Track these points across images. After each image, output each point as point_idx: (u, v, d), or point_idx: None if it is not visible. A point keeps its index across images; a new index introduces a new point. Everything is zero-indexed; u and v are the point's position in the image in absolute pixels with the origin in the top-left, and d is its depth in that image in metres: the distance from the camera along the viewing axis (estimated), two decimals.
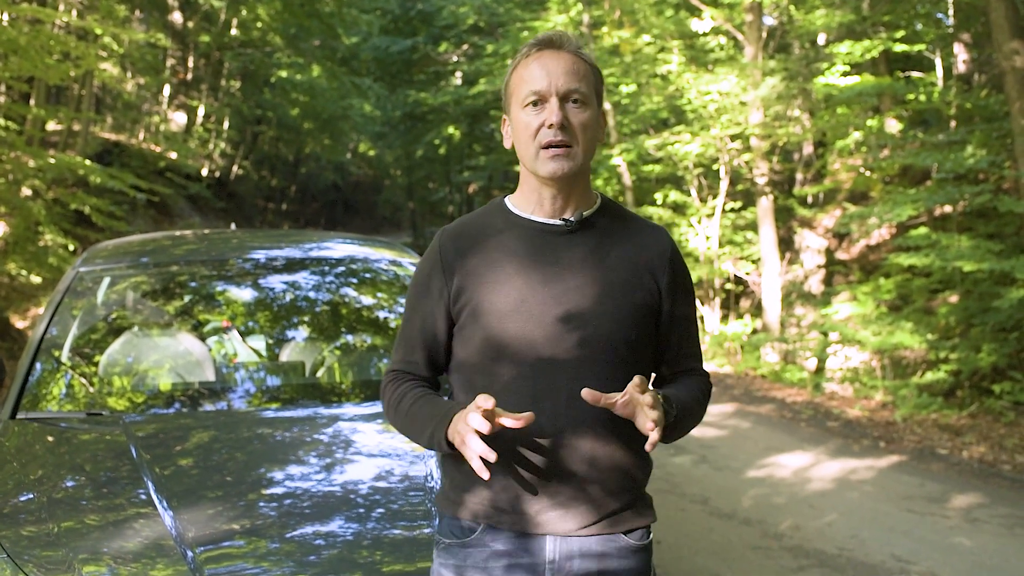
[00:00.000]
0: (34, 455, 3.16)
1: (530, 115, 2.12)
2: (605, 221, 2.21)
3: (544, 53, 2.15)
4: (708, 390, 2.32)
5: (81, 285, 4.05)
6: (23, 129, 13.66)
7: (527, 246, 2.16)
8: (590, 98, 2.15)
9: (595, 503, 2.09)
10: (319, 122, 28.98)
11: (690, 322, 2.29)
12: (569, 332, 2.09)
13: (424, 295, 2.24)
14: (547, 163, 2.10)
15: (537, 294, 2.10)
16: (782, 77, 14.19)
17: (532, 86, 2.12)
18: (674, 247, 2.25)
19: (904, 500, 7.02)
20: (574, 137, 2.11)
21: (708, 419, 9.89)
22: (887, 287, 12.85)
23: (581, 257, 2.14)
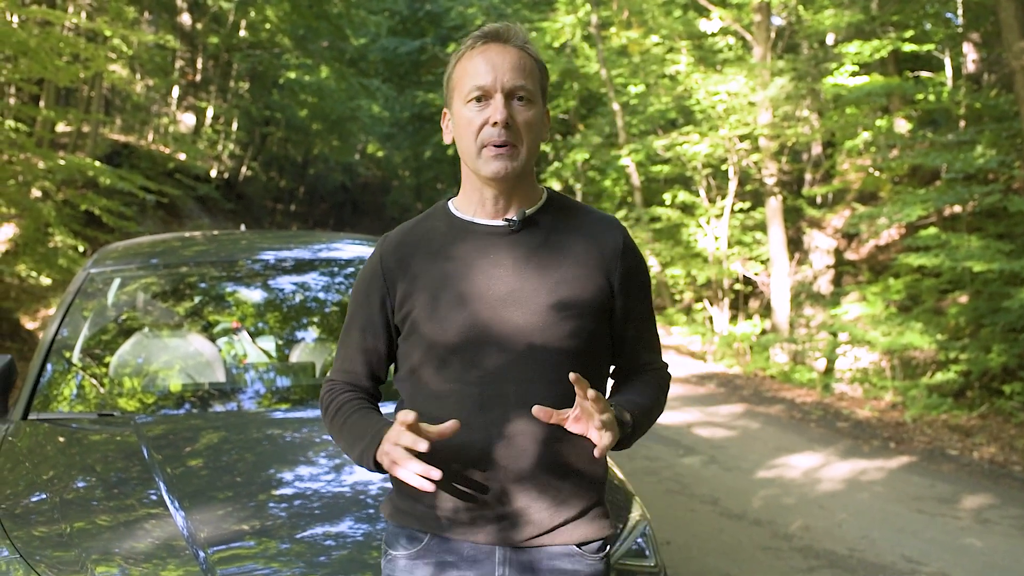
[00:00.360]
0: (46, 456, 3.17)
1: (473, 111, 2.03)
2: (551, 217, 2.12)
3: (490, 46, 2.05)
4: (666, 384, 2.24)
5: (92, 286, 4.06)
6: (33, 131, 13.71)
7: (469, 250, 2.07)
8: (536, 95, 2.06)
9: (547, 513, 2.01)
10: (327, 123, 29.03)
11: (646, 316, 2.20)
12: (515, 337, 2.01)
13: (364, 305, 2.16)
14: (489, 163, 2.02)
15: (481, 299, 2.02)
16: (791, 77, 14.16)
17: (476, 81, 2.02)
18: (626, 240, 2.15)
19: (914, 501, 7.00)
20: (518, 136, 2.02)
21: (718, 420, 9.91)
22: (896, 287, 12.81)
23: (525, 257, 2.05)
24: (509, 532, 2.01)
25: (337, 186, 38.05)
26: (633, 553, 2.77)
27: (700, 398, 11.65)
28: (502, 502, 2.00)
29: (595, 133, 20.10)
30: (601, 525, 2.10)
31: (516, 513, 2.00)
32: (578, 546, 2.06)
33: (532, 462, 2.00)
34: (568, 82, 22.27)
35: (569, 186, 23.23)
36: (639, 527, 2.87)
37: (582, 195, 23.08)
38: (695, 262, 16.95)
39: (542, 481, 2.01)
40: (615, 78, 18.87)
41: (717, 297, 16.80)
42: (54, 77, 10.66)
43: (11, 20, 11.60)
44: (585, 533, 2.06)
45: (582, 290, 2.05)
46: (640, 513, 2.96)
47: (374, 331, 2.15)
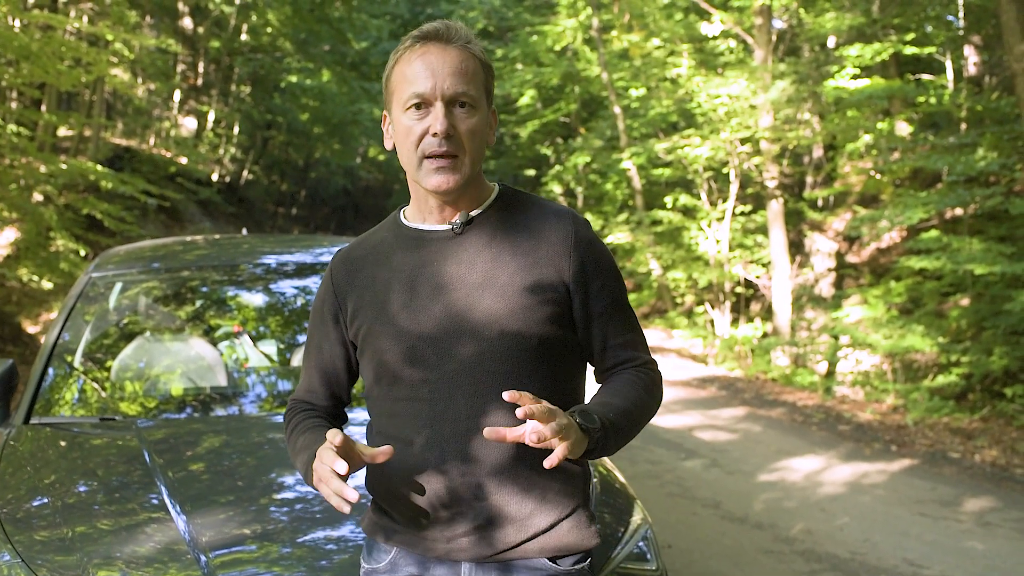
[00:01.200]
0: (47, 460, 3.17)
1: (412, 119, 1.92)
2: (500, 216, 2.01)
3: (429, 47, 1.92)
4: (651, 382, 2.04)
5: (93, 290, 4.06)
6: (35, 135, 13.73)
7: (414, 258, 1.99)
8: (479, 100, 1.95)
9: (511, 527, 1.92)
10: (329, 127, 29.04)
11: (614, 311, 2.03)
12: (462, 345, 1.91)
13: (320, 323, 2.11)
14: (431, 176, 1.92)
15: (425, 308, 1.94)
16: (792, 80, 14.17)
17: (415, 87, 1.91)
18: (579, 232, 2.00)
19: (916, 504, 7.00)
20: (460, 146, 1.92)
21: (720, 423, 9.90)
22: (898, 290, 12.81)
23: (469, 260, 1.96)
24: (473, 547, 1.93)
25: (339, 190, 38.04)
26: (634, 557, 2.76)
27: (702, 401, 11.65)
28: (463, 517, 1.93)
29: (596, 136, 20.14)
30: (578, 537, 1.98)
31: (479, 528, 1.92)
32: (551, 560, 1.97)
33: (491, 475, 1.92)
34: (569, 85, 22.32)
35: (570, 189, 23.27)
36: (640, 531, 2.86)
37: (583, 198, 23.11)
38: (696, 265, 16.95)
39: (504, 494, 1.92)
40: (616, 81, 18.90)
41: (718, 300, 16.80)
42: (56, 82, 10.68)
43: (13, 24, 11.63)
44: (557, 546, 1.96)
45: (532, 288, 1.94)
46: (641, 517, 2.95)
47: (330, 348, 2.10)
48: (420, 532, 1.96)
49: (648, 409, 2.01)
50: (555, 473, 1.94)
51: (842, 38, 15.71)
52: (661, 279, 18.70)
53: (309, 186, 36.23)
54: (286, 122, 28.81)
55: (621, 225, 19.12)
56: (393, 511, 1.99)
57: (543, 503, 1.94)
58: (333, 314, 2.07)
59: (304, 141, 30.67)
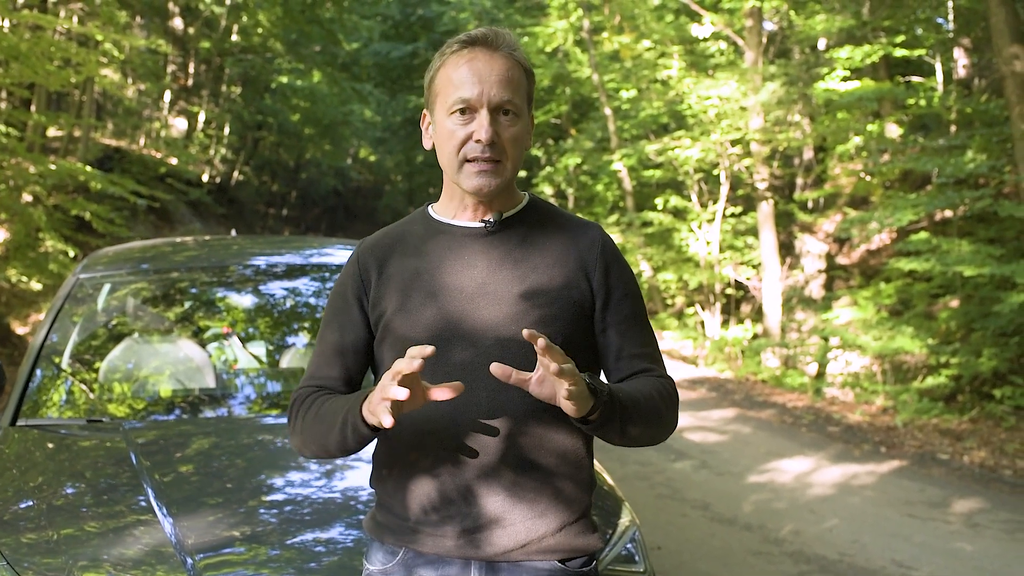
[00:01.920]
0: (34, 462, 3.15)
1: (456, 124, 1.94)
2: (531, 220, 2.05)
3: (476, 53, 1.95)
4: (666, 391, 2.03)
5: (81, 292, 4.04)
6: (24, 135, 13.67)
7: (445, 251, 2.01)
8: (522, 108, 1.98)
9: (523, 526, 1.92)
10: (320, 128, 29.02)
11: (632, 321, 2.06)
12: (488, 340, 1.93)
13: (342, 308, 2.09)
14: (472, 178, 1.95)
15: (454, 301, 1.96)
16: (782, 82, 14.20)
17: (461, 92, 1.93)
18: (606, 242, 2.06)
19: (905, 505, 7.01)
20: (503, 152, 1.94)
21: (709, 424, 9.90)
22: (888, 292, 12.85)
23: (500, 258, 1.99)
24: (484, 546, 1.93)
25: (329, 191, 37.98)
26: (622, 559, 2.76)
27: (691, 403, 11.67)
28: (476, 514, 1.93)
29: (587, 138, 20.15)
30: (586, 539, 2.00)
31: (491, 526, 1.92)
32: (561, 562, 1.97)
33: (507, 472, 1.92)
34: (560, 87, 22.32)
35: (561, 190, 23.27)
36: (628, 532, 2.87)
37: (574, 200, 23.12)
38: (687, 267, 16.97)
39: (518, 492, 1.93)
40: (607, 83, 18.91)
41: (709, 302, 16.82)
42: (45, 82, 10.65)
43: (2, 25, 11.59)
44: (567, 548, 1.97)
45: (559, 291, 1.97)
46: (629, 518, 2.96)
47: (353, 330, 2.06)
48: (432, 530, 1.95)
49: (657, 410, 1.98)
50: (569, 473, 1.97)
51: (832, 40, 15.76)
52: (652, 280, 18.71)
53: (300, 187, 36.17)
54: (277, 123, 28.77)
55: (612, 226, 19.12)
56: (404, 508, 1.98)
57: (555, 505, 1.95)
58: (357, 297, 2.06)
59: (295, 142, 30.63)
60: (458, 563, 1.95)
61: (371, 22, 29.02)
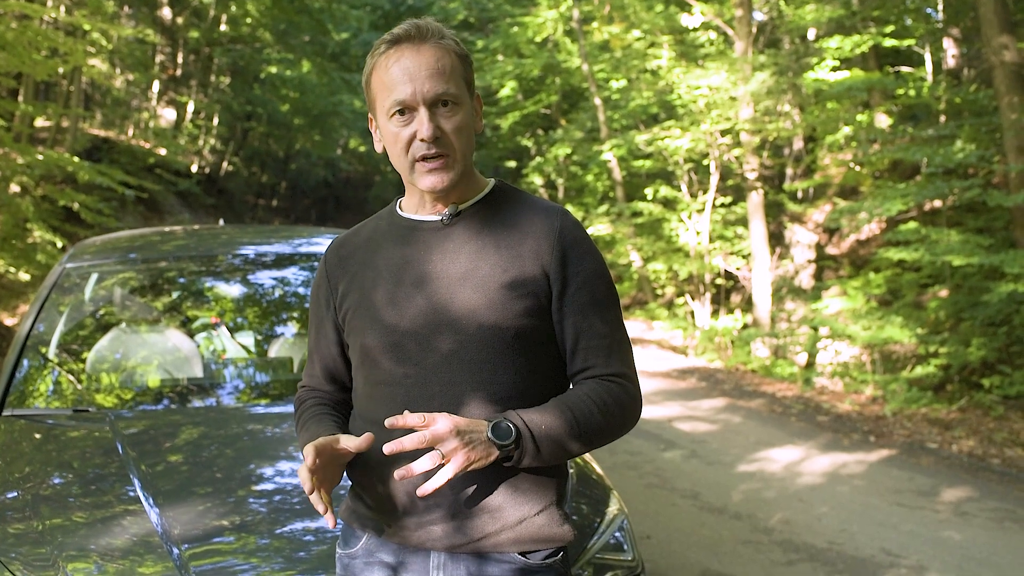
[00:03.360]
0: (20, 452, 3.14)
1: (398, 126, 1.94)
2: (489, 210, 2.02)
3: (403, 51, 1.92)
4: (613, 398, 1.96)
5: (68, 281, 4.02)
6: (11, 125, 13.60)
7: (402, 246, 2.02)
8: (461, 96, 1.95)
9: (483, 518, 1.91)
10: (309, 118, 28.94)
11: (589, 310, 1.98)
12: (439, 333, 1.93)
13: (316, 308, 2.16)
14: (425, 177, 1.94)
15: (408, 298, 1.96)
16: (772, 72, 14.20)
17: (395, 95, 1.91)
18: (565, 227, 1.99)
19: (894, 494, 7.03)
20: (449, 145, 1.93)
21: (699, 414, 9.92)
22: (877, 282, 12.88)
23: (453, 251, 1.97)
24: (443, 537, 1.92)
25: (319, 181, 37.93)
26: (611, 547, 2.77)
27: (681, 392, 11.68)
28: (435, 506, 1.92)
29: (577, 128, 20.14)
30: (550, 531, 1.96)
31: (448, 518, 1.92)
32: (522, 554, 1.95)
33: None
34: (550, 77, 22.30)
35: (551, 181, 23.26)
36: (616, 521, 2.87)
37: (564, 190, 23.12)
38: (677, 257, 16.98)
39: (477, 485, 1.91)
40: (597, 73, 18.89)
41: (699, 292, 16.84)
42: (31, 71, 10.59)
43: None
44: (527, 539, 1.94)
45: (511, 281, 1.94)
46: (618, 507, 2.96)
47: (326, 334, 2.13)
48: (393, 519, 1.96)
49: (600, 427, 1.93)
50: (530, 469, 1.93)
51: (822, 30, 15.76)
52: (642, 270, 18.73)
53: (290, 177, 36.10)
54: (266, 113, 28.68)
55: (601, 216, 19.12)
56: (368, 497, 2.00)
57: (515, 496, 1.93)
58: (327, 299, 2.12)
59: (284, 132, 30.56)
60: (419, 552, 1.96)
61: (360, 12, 28.91)
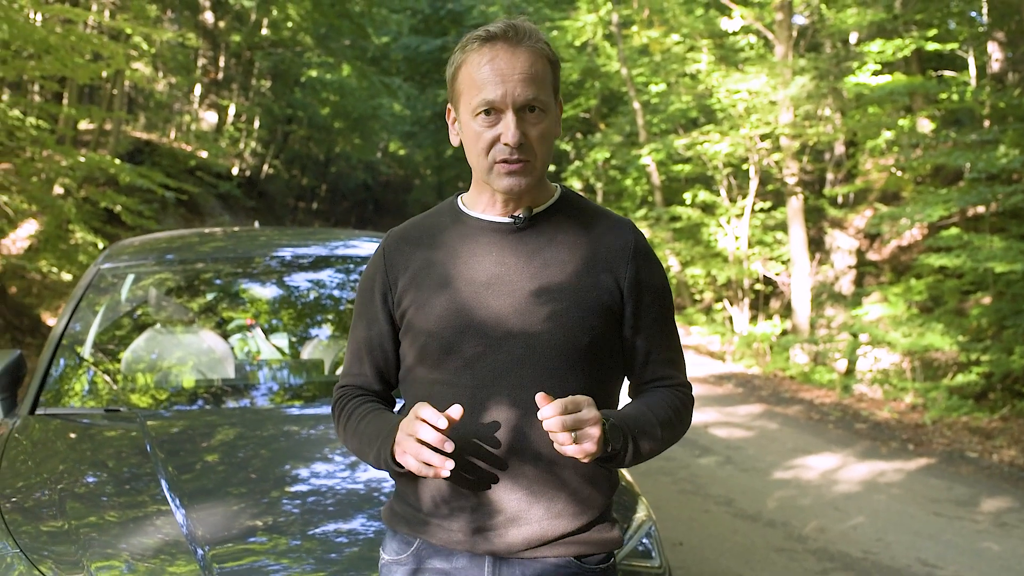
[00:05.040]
0: (51, 451, 3.16)
1: (482, 126, 1.89)
2: (561, 216, 2.01)
3: (497, 50, 1.88)
4: (684, 405, 2.03)
5: (103, 282, 4.06)
6: (55, 128, 13.80)
7: (472, 246, 1.98)
8: (549, 102, 1.92)
9: (538, 525, 1.90)
10: (349, 121, 29.10)
11: (660, 325, 2.03)
12: (510, 337, 1.90)
13: (369, 301, 2.07)
14: (502, 179, 1.90)
15: (478, 297, 1.93)
16: (812, 76, 14.08)
17: (484, 94, 1.87)
18: (639, 242, 2.01)
19: (932, 503, 6.94)
20: (532, 151, 1.90)
21: (735, 420, 9.85)
22: (918, 288, 12.72)
23: (528, 256, 1.95)
24: (496, 541, 1.91)
25: (359, 184, 38.11)
26: (638, 554, 2.74)
27: (718, 398, 11.61)
28: (490, 510, 1.91)
29: (616, 132, 20.09)
30: (603, 536, 1.98)
31: (505, 523, 1.91)
32: (577, 558, 1.95)
33: (524, 468, 1.90)
34: (589, 81, 22.24)
35: (590, 185, 23.22)
36: (644, 527, 2.84)
37: (603, 194, 23.07)
38: (715, 262, 16.89)
39: (535, 490, 1.90)
40: (636, 77, 18.83)
41: (737, 297, 16.73)
42: (73, 74, 10.72)
43: (34, 18, 11.69)
44: (584, 543, 1.95)
45: (586, 290, 1.93)
46: (645, 513, 2.93)
47: (379, 329, 2.05)
48: (445, 522, 1.94)
49: (675, 434, 2.00)
50: (585, 475, 1.93)
51: (864, 34, 15.61)
52: (680, 275, 18.65)
53: (330, 181, 36.30)
54: (306, 116, 28.87)
55: (640, 221, 19.06)
56: (419, 499, 1.97)
57: (573, 504, 1.93)
58: (382, 293, 2.04)
59: (325, 136, 30.72)
60: (469, 556, 1.94)
61: (400, 16, 29.05)
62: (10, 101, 13.71)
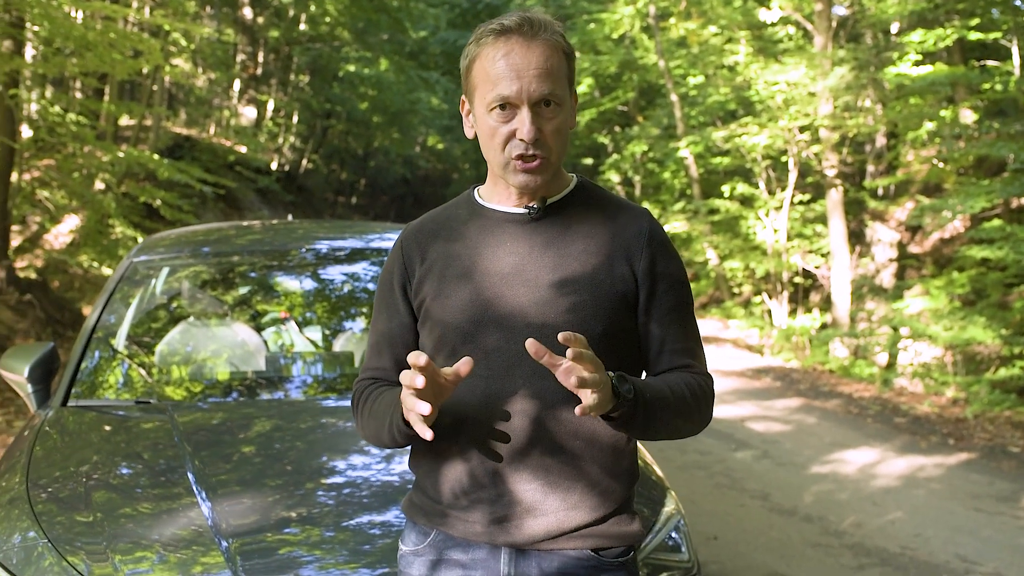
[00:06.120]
0: (82, 442, 3.19)
1: (497, 120, 1.88)
2: (577, 205, 2.01)
3: (512, 44, 1.87)
4: (700, 389, 1.97)
5: (137, 274, 4.09)
6: (95, 124, 13.95)
7: (487, 236, 1.98)
8: (564, 96, 1.91)
9: (554, 517, 1.90)
10: (387, 116, 29.16)
11: (676, 315, 2.00)
12: (527, 328, 1.88)
13: (388, 294, 2.07)
14: (518, 175, 1.90)
15: (493, 287, 1.92)
16: (852, 67, 13.92)
17: (499, 90, 1.86)
18: (654, 230, 2.00)
19: (972, 499, 6.84)
20: (547, 146, 1.89)
21: (773, 414, 9.77)
22: (961, 281, 12.56)
23: (543, 245, 1.94)
24: (514, 533, 1.90)
25: (398, 179, 38.20)
26: (667, 548, 2.72)
27: (755, 392, 11.52)
28: (507, 501, 1.90)
29: (654, 125, 20.01)
30: (623, 529, 1.97)
31: (522, 514, 1.90)
32: (595, 551, 1.94)
33: (542, 459, 1.89)
34: (627, 73, 22.16)
35: (628, 178, 23.15)
36: (672, 521, 2.82)
37: (641, 187, 22.99)
38: (754, 255, 16.78)
39: (553, 481, 1.90)
40: (674, 69, 18.74)
41: (776, 290, 16.61)
42: (112, 71, 10.82)
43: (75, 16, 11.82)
44: (602, 535, 1.94)
45: (601, 279, 1.92)
46: (674, 507, 2.90)
47: (400, 320, 2.04)
48: (463, 514, 1.93)
49: (688, 408, 1.93)
50: (603, 466, 1.93)
51: (904, 24, 15.41)
52: (718, 269, 18.55)
53: (368, 175, 36.42)
54: (345, 111, 28.96)
55: (678, 214, 18.98)
56: (437, 491, 1.97)
57: (590, 495, 1.92)
58: (401, 284, 2.04)
59: (363, 130, 30.81)
60: (487, 547, 1.94)
61: (438, 10, 29.08)
62: (52, 98, 13.89)
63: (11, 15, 9.53)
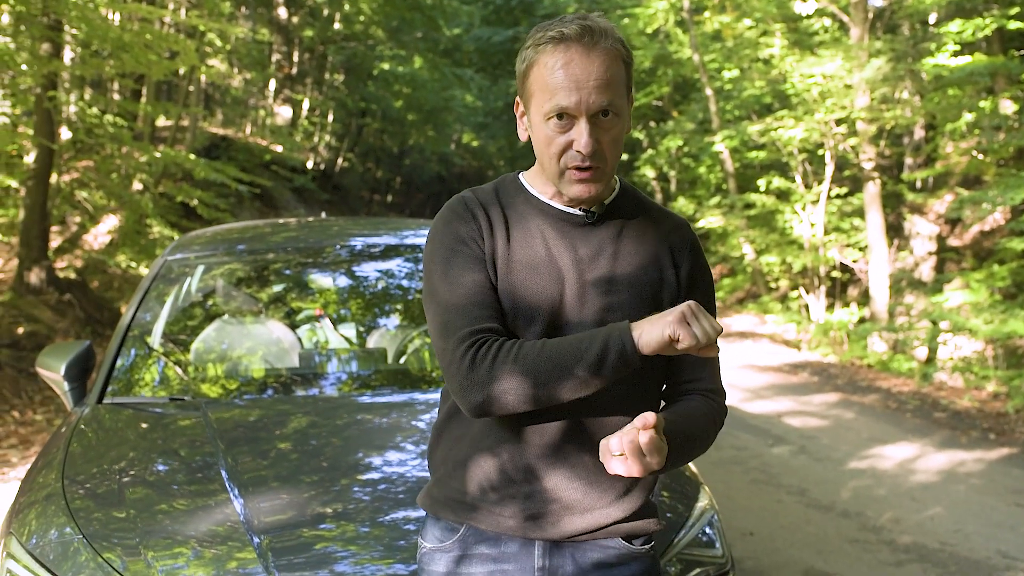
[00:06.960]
0: (117, 439, 3.22)
1: (554, 130, 1.85)
2: (625, 209, 2.00)
3: (572, 54, 1.82)
4: (717, 416, 2.00)
5: (171, 272, 4.12)
6: (133, 125, 14.08)
7: (549, 231, 1.93)
8: (623, 104, 1.87)
9: (601, 513, 1.92)
10: (422, 113, 29.22)
11: None
12: (572, 328, 1.88)
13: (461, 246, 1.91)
14: (573, 186, 1.88)
15: (550, 287, 1.89)
16: (888, 58, 13.78)
17: (558, 100, 1.81)
18: (695, 238, 2.05)
19: (1013, 494, 6.75)
20: (603, 157, 1.86)
21: (810, 409, 9.71)
22: (1001, 274, 12.40)
23: (598, 248, 1.93)
24: (552, 530, 1.91)
25: (433, 176, 38.24)
26: (701, 543, 2.71)
27: (792, 387, 11.44)
28: (547, 498, 1.90)
29: (689, 119, 19.92)
30: (648, 522, 2.00)
31: (563, 511, 1.91)
32: (626, 540, 1.98)
33: (579, 456, 1.90)
34: (661, 68, 22.09)
35: (663, 173, 23.06)
36: (706, 516, 2.80)
37: (676, 182, 22.89)
38: (791, 249, 16.66)
39: (593, 479, 1.91)
40: (708, 63, 18.65)
41: (813, 285, 16.48)
42: (148, 72, 10.92)
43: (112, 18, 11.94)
44: (632, 529, 1.97)
45: (652, 284, 1.95)
46: (708, 502, 2.89)
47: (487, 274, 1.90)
48: (496, 508, 1.92)
49: (706, 444, 1.98)
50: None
51: (942, 14, 15.23)
52: (755, 263, 18.43)
53: (404, 173, 36.49)
54: (380, 109, 29.05)
55: (714, 209, 18.89)
56: (465, 485, 1.95)
57: (627, 492, 1.95)
58: (474, 239, 1.91)
59: (398, 128, 30.88)
60: (519, 541, 1.93)
61: (472, 7, 29.11)
62: (90, 100, 14.04)
63: (49, 18, 9.64)
